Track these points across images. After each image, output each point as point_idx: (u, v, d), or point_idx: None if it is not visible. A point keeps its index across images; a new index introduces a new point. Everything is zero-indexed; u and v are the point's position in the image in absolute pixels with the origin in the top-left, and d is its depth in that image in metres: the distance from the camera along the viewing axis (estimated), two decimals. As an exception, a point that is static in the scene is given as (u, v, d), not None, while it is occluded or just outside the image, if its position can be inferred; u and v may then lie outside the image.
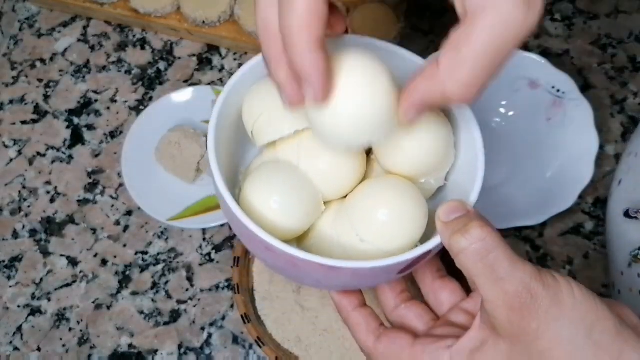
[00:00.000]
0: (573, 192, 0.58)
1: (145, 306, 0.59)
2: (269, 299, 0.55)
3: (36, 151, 0.66)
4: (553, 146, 0.62)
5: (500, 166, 0.63)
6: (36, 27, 0.73)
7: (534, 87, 0.63)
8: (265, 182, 0.38)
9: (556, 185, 0.60)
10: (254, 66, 0.40)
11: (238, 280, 0.55)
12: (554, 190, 0.60)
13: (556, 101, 0.62)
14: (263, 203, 0.37)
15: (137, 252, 0.61)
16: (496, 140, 0.64)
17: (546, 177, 0.61)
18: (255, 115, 0.39)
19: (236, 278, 0.55)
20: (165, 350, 0.57)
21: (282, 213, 0.37)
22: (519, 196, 0.61)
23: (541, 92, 0.63)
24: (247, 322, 0.53)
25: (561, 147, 0.61)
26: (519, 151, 0.63)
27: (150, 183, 0.63)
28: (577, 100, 0.61)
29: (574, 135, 0.61)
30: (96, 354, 0.57)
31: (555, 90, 0.62)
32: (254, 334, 0.53)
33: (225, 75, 0.69)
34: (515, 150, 0.63)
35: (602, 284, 0.59)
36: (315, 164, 0.39)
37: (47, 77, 0.70)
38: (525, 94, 0.63)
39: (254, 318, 0.54)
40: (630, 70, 0.69)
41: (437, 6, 0.73)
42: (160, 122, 0.64)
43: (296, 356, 0.53)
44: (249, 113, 0.40)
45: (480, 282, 0.33)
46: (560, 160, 0.61)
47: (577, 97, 0.61)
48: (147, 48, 0.71)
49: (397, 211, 0.37)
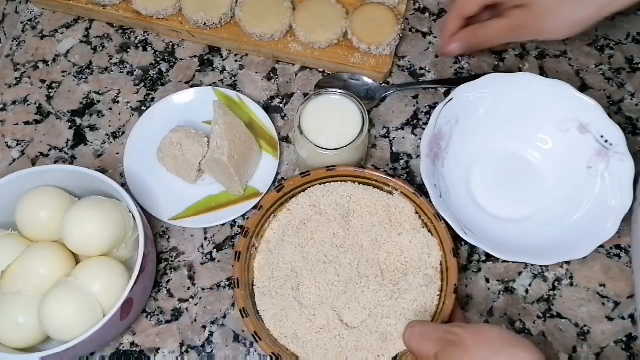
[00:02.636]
0: (591, 244, 0.57)
1: (147, 304, 0.59)
2: (268, 295, 0.56)
3: (39, 151, 0.67)
4: (586, 193, 0.60)
5: (526, 200, 0.62)
6: (39, 28, 0.73)
7: (583, 132, 0.61)
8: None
9: (576, 233, 0.58)
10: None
11: (239, 275, 0.55)
12: (571, 237, 0.58)
13: (601, 151, 0.60)
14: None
15: (139, 252, 0.62)
16: (528, 172, 0.63)
17: (568, 222, 0.60)
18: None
19: (237, 272, 0.55)
20: (167, 348, 0.58)
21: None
22: (537, 234, 0.60)
23: (589, 138, 0.61)
24: (245, 317, 0.53)
25: (594, 196, 0.60)
26: (549, 190, 0.62)
27: (152, 183, 0.63)
28: (622, 154, 0.59)
29: (610, 189, 0.59)
30: (98, 352, 0.57)
31: (603, 140, 0.60)
32: (251, 328, 0.53)
33: (226, 76, 0.70)
34: (545, 188, 0.62)
35: (600, 283, 0.60)
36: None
37: (50, 78, 0.70)
38: (573, 135, 0.61)
39: (253, 313, 0.54)
40: (628, 71, 0.69)
41: (436, 7, 0.74)
42: (162, 123, 0.64)
43: (292, 353, 0.53)
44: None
45: (425, 350, 0.46)
46: (587, 210, 0.59)
47: (623, 152, 0.59)
48: (149, 49, 0.72)
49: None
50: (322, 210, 0.59)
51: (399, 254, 0.57)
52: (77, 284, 0.52)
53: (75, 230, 0.53)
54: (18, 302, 0.53)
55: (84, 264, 0.54)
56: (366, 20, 0.67)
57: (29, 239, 0.56)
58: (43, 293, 0.52)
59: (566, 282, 0.60)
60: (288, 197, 0.59)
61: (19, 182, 0.56)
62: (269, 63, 0.71)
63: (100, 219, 0.53)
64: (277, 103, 0.69)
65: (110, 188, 0.55)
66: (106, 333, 0.52)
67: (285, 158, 0.65)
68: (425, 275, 0.55)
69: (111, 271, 0.54)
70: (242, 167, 0.61)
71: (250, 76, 0.70)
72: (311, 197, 0.59)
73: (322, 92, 0.59)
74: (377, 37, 0.67)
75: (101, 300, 0.52)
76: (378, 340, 0.53)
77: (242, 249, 0.56)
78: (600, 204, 0.59)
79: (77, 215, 0.54)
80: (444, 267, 0.56)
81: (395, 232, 0.57)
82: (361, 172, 0.59)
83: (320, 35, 0.67)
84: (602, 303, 0.59)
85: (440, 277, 0.56)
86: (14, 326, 0.52)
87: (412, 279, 0.55)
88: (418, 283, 0.55)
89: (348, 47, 0.68)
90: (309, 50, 0.68)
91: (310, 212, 0.58)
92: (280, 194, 0.59)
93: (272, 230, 0.59)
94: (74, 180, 0.57)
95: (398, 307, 0.54)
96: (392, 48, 0.68)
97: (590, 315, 0.59)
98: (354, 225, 0.58)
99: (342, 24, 0.68)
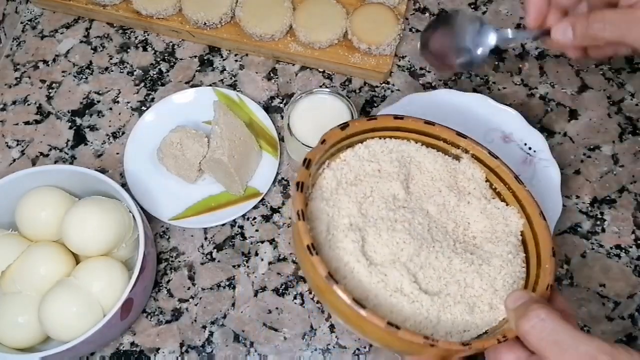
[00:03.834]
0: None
1: (147, 305, 0.59)
2: (327, 246, 0.46)
3: (39, 151, 0.67)
4: None
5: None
6: (39, 28, 0.73)
7: (507, 141, 0.62)
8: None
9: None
10: None
11: (301, 207, 0.44)
12: None
13: (527, 159, 0.61)
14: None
15: (139, 252, 0.62)
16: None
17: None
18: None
19: (299, 204, 0.44)
20: (167, 348, 0.58)
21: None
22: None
23: (513, 147, 0.62)
24: (315, 254, 0.42)
25: None
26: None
27: (152, 183, 0.63)
28: (547, 160, 0.60)
29: (539, 197, 0.55)
30: (98, 352, 0.58)
31: (527, 148, 0.61)
32: (324, 270, 0.41)
33: (226, 76, 0.70)
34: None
35: (600, 283, 0.60)
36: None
37: (50, 78, 0.70)
38: (497, 146, 0.61)
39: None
40: (628, 71, 0.69)
41: (437, 7, 0.74)
42: (162, 123, 0.65)
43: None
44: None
45: (549, 358, 0.36)
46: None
47: (547, 158, 0.60)
48: (149, 49, 0.72)
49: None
50: (382, 167, 0.51)
51: (467, 227, 0.50)
52: (77, 284, 0.52)
53: (76, 230, 0.53)
54: (18, 302, 0.53)
55: (84, 264, 0.54)
56: (366, 20, 0.67)
57: (29, 239, 0.56)
58: (43, 293, 0.52)
59: (566, 281, 0.60)
60: (351, 140, 0.51)
61: (19, 182, 0.56)
62: (269, 63, 0.71)
63: (100, 219, 0.53)
64: (277, 103, 0.69)
65: (110, 188, 0.55)
66: (106, 333, 0.52)
67: (285, 158, 0.65)
68: (509, 243, 0.48)
69: (111, 271, 0.54)
70: (242, 167, 0.61)
71: (250, 76, 0.70)
72: (369, 150, 0.51)
73: (310, 91, 0.60)
74: (377, 37, 0.67)
75: (101, 300, 0.52)
76: (464, 312, 0.45)
77: (304, 179, 0.46)
78: None
79: (77, 216, 0.54)
80: (527, 237, 0.49)
81: (464, 201, 0.50)
82: (431, 127, 0.52)
83: (320, 35, 0.67)
84: (602, 303, 0.59)
85: (523, 248, 0.49)
86: (14, 326, 0.52)
87: (492, 247, 0.48)
88: (502, 250, 0.48)
89: (348, 47, 0.68)
90: (309, 50, 0.68)
91: (368, 168, 0.51)
92: (344, 133, 0.50)
93: (325, 180, 0.50)
94: (74, 181, 0.57)
95: (483, 273, 0.46)
96: (392, 48, 0.68)
97: (590, 315, 0.59)
98: (415, 190, 0.51)
99: (342, 24, 0.68)
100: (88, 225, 0.53)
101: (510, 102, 0.68)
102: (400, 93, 0.68)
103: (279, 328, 0.58)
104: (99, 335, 0.50)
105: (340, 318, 0.43)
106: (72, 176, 0.57)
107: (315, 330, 0.58)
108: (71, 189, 0.58)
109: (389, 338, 0.41)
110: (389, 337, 0.41)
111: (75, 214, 0.54)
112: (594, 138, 0.66)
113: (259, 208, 0.63)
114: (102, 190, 0.57)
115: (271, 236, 0.62)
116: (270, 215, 0.63)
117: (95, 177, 0.55)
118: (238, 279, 0.60)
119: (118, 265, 0.54)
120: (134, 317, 0.57)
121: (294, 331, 0.58)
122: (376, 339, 0.42)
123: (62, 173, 0.57)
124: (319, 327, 0.58)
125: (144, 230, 0.53)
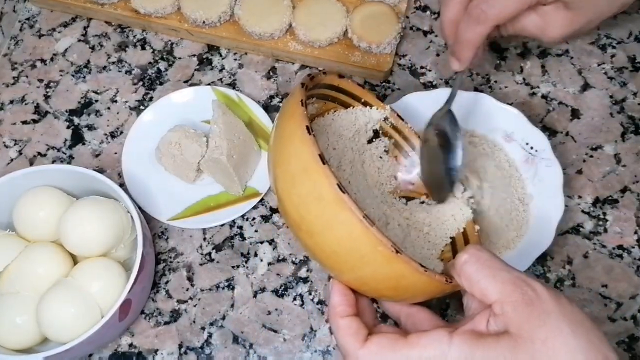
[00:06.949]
0: (530, 256, 0.57)
1: (146, 306, 0.59)
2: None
3: (37, 151, 0.66)
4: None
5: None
6: (36, 27, 0.73)
7: (509, 140, 0.61)
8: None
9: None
10: None
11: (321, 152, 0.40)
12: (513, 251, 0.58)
13: (528, 158, 0.61)
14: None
15: (137, 252, 0.61)
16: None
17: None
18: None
19: (317, 148, 0.40)
20: (166, 349, 0.57)
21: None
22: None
23: (515, 146, 0.61)
24: (344, 192, 0.38)
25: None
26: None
27: (151, 183, 0.63)
28: (549, 160, 0.59)
29: (541, 196, 0.59)
30: (96, 353, 0.57)
31: (529, 147, 0.61)
32: (360, 213, 0.38)
33: (225, 75, 0.69)
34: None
35: (602, 284, 0.59)
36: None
37: (48, 77, 0.70)
38: (499, 145, 0.62)
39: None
40: (630, 70, 0.69)
41: (437, 5, 0.73)
42: (161, 122, 0.64)
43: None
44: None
45: (483, 285, 0.39)
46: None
47: (549, 157, 0.59)
48: (148, 48, 0.71)
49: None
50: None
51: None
52: (75, 284, 0.52)
53: (74, 230, 0.53)
54: (16, 302, 0.53)
55: (82, 264, 0.54)
56: (366, 19, 0.67)
57: (27, 240, 0.56)
58: (41, 294, 0.52)
59: (568, 282, 0.60)
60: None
61: (17, 182, 0.55)
62: (268, 62, 0.70)
63: (99, 220, 0.53)
64: (277, 102, 0.68)
65: (108, 188, 0.55)
66: (104, 334, 0.51)
67: (284, 158, 0.65)
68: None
69: (109, 272, 0.53)
70: (242, 166, 0.61)
71: (250, 75, 0.69)
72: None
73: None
74: (377, 36, 0.66)
75: (99, 301, 0.52)
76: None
77: (303, 97, 0.44)
78: (533, 213, 0.59)
79: (75, 216, 0.53)
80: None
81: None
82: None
83: (320, 34, 0.67)
84: (604, 304, 0.59)
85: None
86: (12, 327, 0.52)
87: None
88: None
89: (348, 46, 0.68)
90: (309, 48, 0.68)
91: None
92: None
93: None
94: (72, 180, 0.57)
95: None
96: (392, 47, 0.67)
97: (593, 316, 0.58)
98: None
99: (342, 22, 0.67)
100: (86, 226, 0.53)
101: (512, 101, 0.67)
102: (401, 92, 0.68)
103: (279, 329, 0.58)
104: (97, 337, 0.50)
105: (336, 246, 0.40)
106: (70, 176, 0.56)
107: (315, 331, 0.58)
108: (69, 189, 0.58)
109: (415, 277, 0.39)
110: (416, 276, 0.39)
111: (73, 214, 0.53)
112: (596, 137, 0.66)
113: (258, 208, 0.63)
114: (100, 190, 0.56)
115: (271, 237, 0.62)
116: (269, 216, 0.63)
117: (93, 177, 0.55)
118: (237, 279, 0.60)
119: (116, 266, 0.54)
120: (132, 318, 0.56)
121: (294, 332, 0.58)
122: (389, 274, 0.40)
123: (60, 173, 0.57)
124: (319, 328, 0.58)
125: (142, 230, 0.53)
